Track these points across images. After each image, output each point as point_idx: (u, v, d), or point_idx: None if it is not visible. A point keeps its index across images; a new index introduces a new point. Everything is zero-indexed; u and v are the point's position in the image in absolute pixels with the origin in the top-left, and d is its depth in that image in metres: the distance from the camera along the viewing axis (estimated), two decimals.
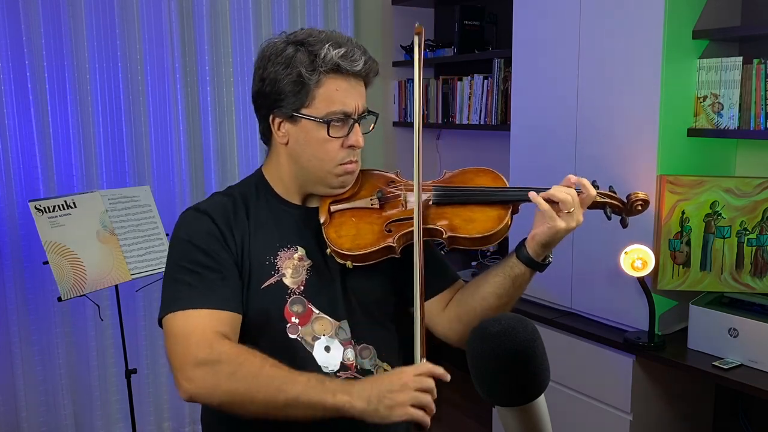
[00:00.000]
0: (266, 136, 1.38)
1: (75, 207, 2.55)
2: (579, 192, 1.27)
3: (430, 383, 1.12)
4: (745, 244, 2.28)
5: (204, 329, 1.20)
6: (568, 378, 2.59)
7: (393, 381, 1.12)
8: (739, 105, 2.26)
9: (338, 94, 1.28)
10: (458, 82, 3.54)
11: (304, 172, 1.34)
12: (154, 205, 2.79)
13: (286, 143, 1.33)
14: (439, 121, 3.69)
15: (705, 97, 2.34)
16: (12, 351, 2.89)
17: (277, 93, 1.29)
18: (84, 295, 2.49)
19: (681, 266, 2.34)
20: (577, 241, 2.59)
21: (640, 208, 1.33)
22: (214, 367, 1.16)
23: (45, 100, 2.88)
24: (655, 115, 2.29)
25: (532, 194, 1.28)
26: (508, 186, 1.35)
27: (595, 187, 1.30)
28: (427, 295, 1.40)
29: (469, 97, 3.47)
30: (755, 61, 2.22)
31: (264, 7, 3.36)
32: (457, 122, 3.58)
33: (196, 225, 1.32)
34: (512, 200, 1.32)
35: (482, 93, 3.39)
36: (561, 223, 1.23)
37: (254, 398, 1.14)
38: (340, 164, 1.32)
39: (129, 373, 2.69)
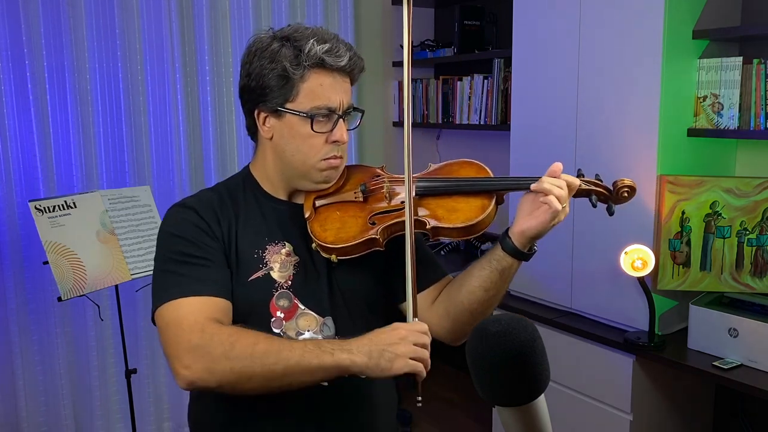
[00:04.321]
0: (252, 131, 1.40)
1: (75, 207, 2.55)
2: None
3: (426, 339, 1.18)
4: (745, 244, 2.28)
5: (195, 315, 1.20)
6: (568, 378, 2.59)
7: (391, 335, 1.17)
8: (739, 105, 2.26)
9: (322, 89, 1.29)
10: (458, 82, 3.54)
11: (288, 166, 1.35)
12: (154, 205, 2.78)
13: (271, 138, 1.35)
14: (439, 121, 3.69)
15: (705, 97, 2.35)
16: (12, 351, 2.89)
17: (262, 87, 1.30)
18: (84, 295, 2.49)
19: (681, 266, 2.34)
20: (577, 241, 2.59)
21: (626, 194, 1.32)
22: (208, 349, 1.16)
23: (45, 100, 2.88)
24: (655, 115, 2.29)
25: (534, 185, 1.27)
26: (492, 176, 1.36)
27: (581, 176, 1.31)
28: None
29: (469, 97, 3.47)
30: (755, 61, 2.22)
31: (264, 7, 3.36)
32: (457, 122, 3.58)
33: (181, 218, 1.33)
34: (495, 189, 1.32)
35: (482, 93, 3.39)
36: (554, 216, 1.23)
37: (253, 373, 1.15)
38: (324, 159, 1.33)
39: (129, 373, 2.69)
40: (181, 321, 1.20)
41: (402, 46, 1.29)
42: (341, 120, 1.32)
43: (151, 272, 2.66)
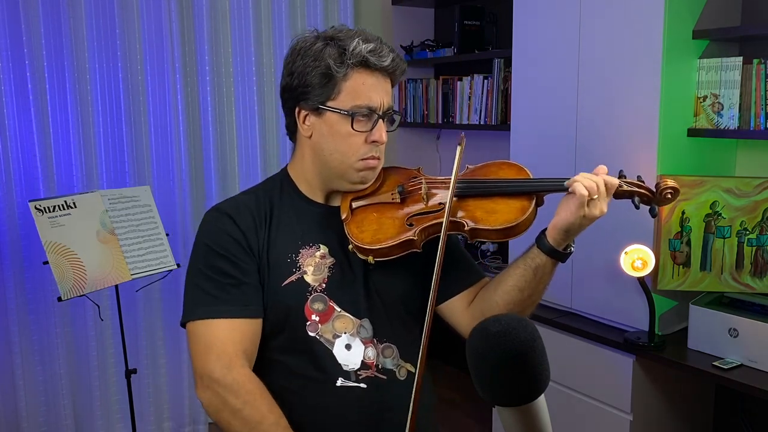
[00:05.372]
0: (291, 130, 1.39)
1: (75, 207, 2.55)
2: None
3: None
4: (745, 244, 2.28)
5: (224, 343, 1.24)
6: (568, 378, 2.59)
7: None
8: (739, 105, 2.26)
9: (364, 89, 1.29)
10: (458, 82, 3.54)
11: (326, 166, 1.34)
12: (154, 205, 2.78)
13: (310, 136, 1.34)
14: (439, 121, 3.69)
15: (705, 97, 2.34)
16: (12, 351, 2.89)
17: (304, 85, 1.30)
18: (84, 295, 2.49)
19: (681, 266, 2.34)
20: (577, 241, 2.58)
21: (669, 196, 1.31)
22: (224, 393, 1.21)
23: (45, 100, 2.89)
24: (655, 115, 2.29)
25: (567, 182, 1.26)
26: (532, 177, 1.34)
27: (622, 177, 1.30)
28: (452, 292, 1.42)
29: (469, 97, 3.47)
30: (755, 61, 2.22)
31: (264, 7, 3.36)
32: (457, 122, 3.58)
33: (216, 227, 1.32)
34: (535, 191, 1.30)
35: (482, 93, 3.39)
36: (584, 210, 1.22)
37: None
38: (362, 159, 1.32)
39: (129, 373, 2.69)
40: (211, 346, 1.24)
41: (402, 46, 1.30)
42: (381, 120, 1.31)
43: (151, 272, 2.70)
